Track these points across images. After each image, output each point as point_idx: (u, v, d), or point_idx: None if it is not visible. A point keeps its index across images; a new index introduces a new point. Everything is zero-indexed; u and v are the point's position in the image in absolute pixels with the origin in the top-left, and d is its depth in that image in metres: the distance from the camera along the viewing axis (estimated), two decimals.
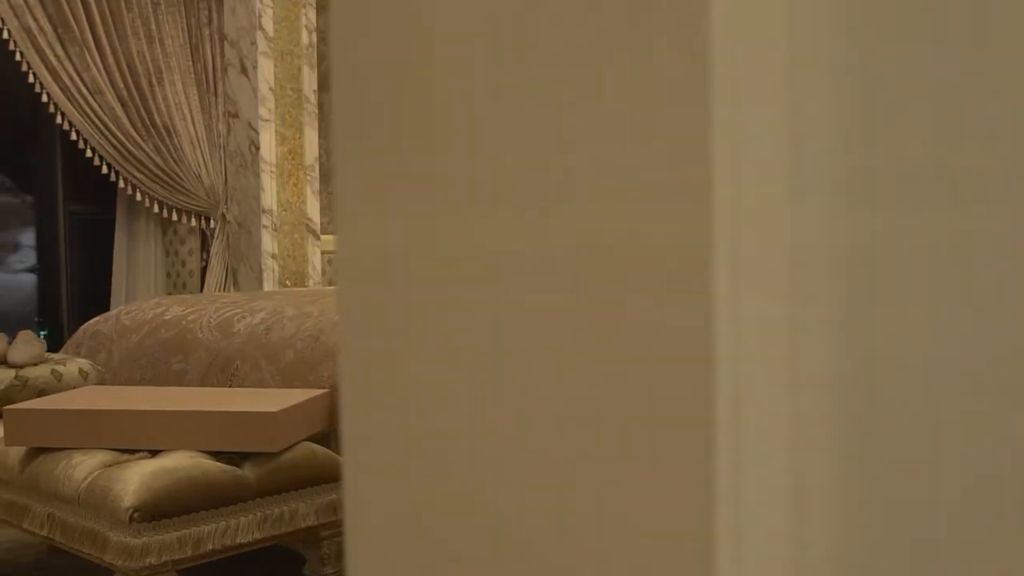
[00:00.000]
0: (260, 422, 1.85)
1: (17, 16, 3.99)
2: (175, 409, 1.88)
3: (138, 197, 4.36)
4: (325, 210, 4.77)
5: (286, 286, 4.46)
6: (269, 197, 4.43)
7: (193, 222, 4.54)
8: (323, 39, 4.76)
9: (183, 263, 4.71)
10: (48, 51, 4.04)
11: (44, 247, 4.80)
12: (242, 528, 1.81)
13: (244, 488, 1.82)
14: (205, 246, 4.68)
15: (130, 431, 1.89)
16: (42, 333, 5.28)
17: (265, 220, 4.42)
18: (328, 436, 2.10)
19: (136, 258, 4.59)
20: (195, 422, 1.86)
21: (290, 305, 2.44)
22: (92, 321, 2.96)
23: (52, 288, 4.73)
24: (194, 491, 1.75)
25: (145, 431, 1.88)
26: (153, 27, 4.35)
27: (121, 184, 4.31)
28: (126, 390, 2.19)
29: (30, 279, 5.38)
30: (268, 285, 4.43)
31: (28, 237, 5.49)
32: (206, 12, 4.54)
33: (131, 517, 1.68)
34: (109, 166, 4.25)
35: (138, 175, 4.30)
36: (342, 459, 0.51)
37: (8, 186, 5.23)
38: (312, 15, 4.58)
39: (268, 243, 4.43)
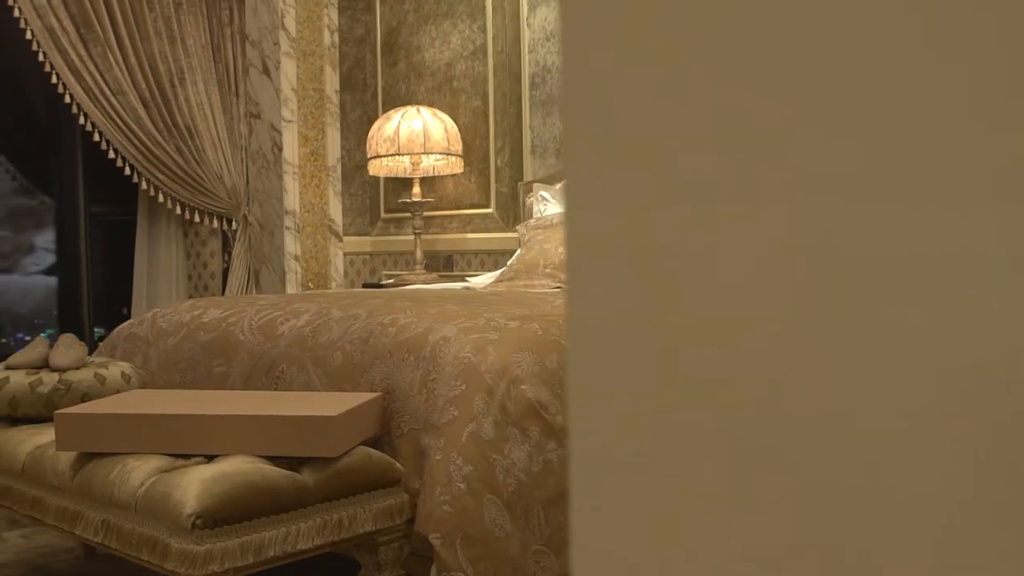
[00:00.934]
0: (320, 426, 1.82)
1: (40, 16, 3.95)
2: (232, 413, 1.85)
3: (160, 198, 4.33)
4: (347, 211, 4.74)
5: (309, 288, 4.42)
6: (292, 198, 4.39)
7: (215, 224, 4.50)
8: (345, 39, 4.73)
9: (204, 265, 4.68)
10: (71, 51, 4.01)
11: (65, 249, 4.77)
12: (302, 534, 1.78)
13: (304, 493, 1.79)
14: (226, 248, 4.65)
15: (186, 435, 1.86)
16: (44, 334, 5.24)
17: (288, 222, 4.39)
18: (380, 440, 2.07)
19: (157, 260, 4.56)
20: (253, 426, 1.83)
21: (334, 307, 2.41)
22: (126, 324, 2.92)
23: (72, 290, 4.69)
24: (256, 497, 1.72)
25: (201, 435, 1.85)
26: (175, 27, 4.32)
27: (144, 185, 4.28)
28: (177, 394, 2.16)
29: (45, 281, 5.35)
30: (291, 287, 4.39)
31: (42, 239, 5.46)
32: (227, 12, 4.51)
33: (193, 524, 1.65)
34: (132, 167, 4.22)
35: (160, 176, 4.27)
36: (571, 494, 0.48)
37: (27, 187, 5.20)
38: (334, 15, 4.55)
39: (291, 245, 4.40)
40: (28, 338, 5.19)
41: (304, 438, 1.82)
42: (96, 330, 5.03)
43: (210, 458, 1.85)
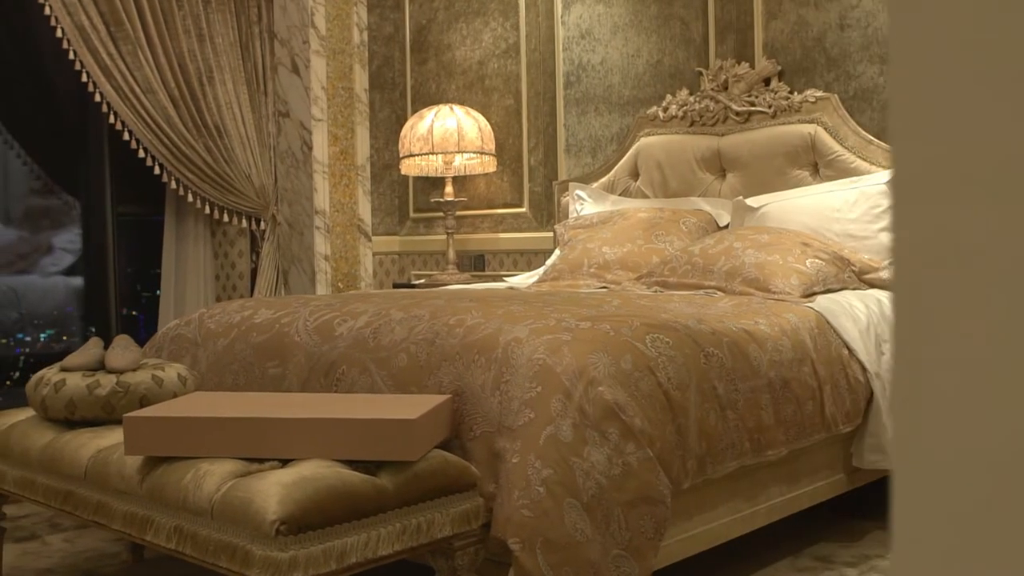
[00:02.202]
0: (400, 429, 1.78)
1: (70, 14, 3.91)
2: (309, 416, 1.81)
3: (189, 198, 4.29)
4: (376, 211, 4.70)
5: (339, 288, 4.39)
6: (322, 198, 4.36)
7: (243, 223, 4.46)
8: (373, 37, 4.69)
9: (232, 265, 4.64)
10: (101, 50, 3.97)
11: (91, 249, 4.73)
12: (383, 540, 1.74)
13: (384, 498, 1.75)
14: (254, 248, 4.61)
15: (260, 439, 1.82)
16: (44, 335, 5.18)
17: (318, 221, 4.35)
18: (451, 443, 2.03)
19: (185, 260, 4.51)
20: (330, 429, 1.79)
21: (393, 308, 2.37)
22: (171, 325, 2.88)
23: (99, 290, 4.65)
24: (337, 501, 1.68)
25: (276, 439, 1.81)
26: (203, 25, 4.28)
27: (173, 184, 4.24)
28: (242, 396, 2.12)
29: (64, 281, 5.30)
30: (321, 287, 4.35)
31: (61, 239, 5.41)
32: (255, 10, 4.47)
33: (277, 530, 1.61)
34: (161, 166, 4.17)
35: (190, 175, 4.23)
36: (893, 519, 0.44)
37: (48, 187, 5.16)
38: (363, 12, 4.51)
39: (321, 244, 4.36)
40: (28, 338, 5.14)
41: (383, 442, 1.78)
42: (92, 330, 4.97)
43: (284, 462, 1.81)
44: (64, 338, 5.19)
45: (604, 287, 3.28)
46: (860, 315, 2.77)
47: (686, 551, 2.18)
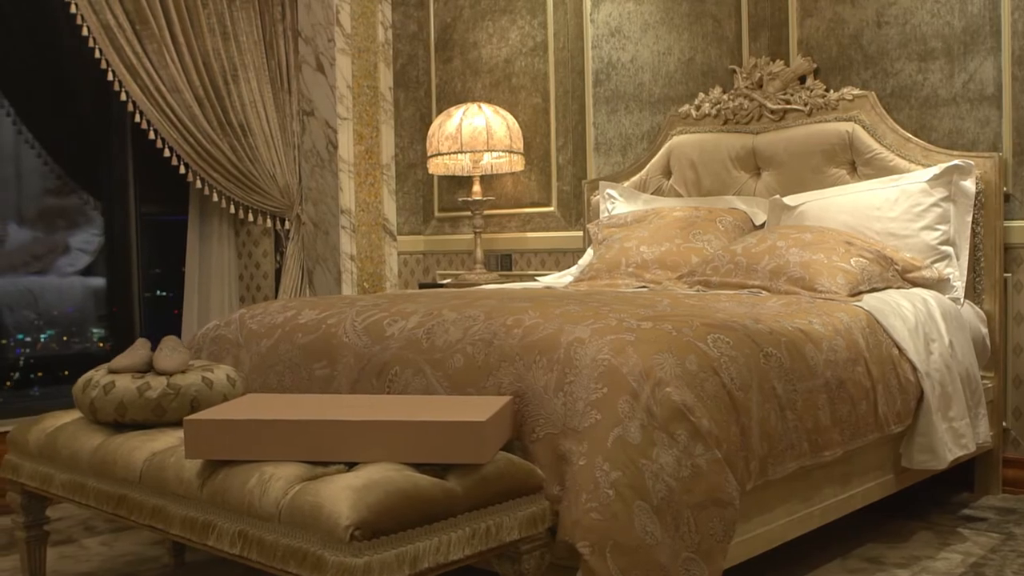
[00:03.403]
0: (469, 432, 1.75)
1: (96, 12, 3.87)
2: (376, 419, 1.77)
3: (214, 197, 4.25)
4: (400, 210, 4.67)
5: (364, 288, 4.35)
6: (347, 197, 4.32)
7: (268, 223, 4.43)
8: (397, 35, 4.66)
9: (257, 265, 4.60)
10: (127, 48, 3.93)
11: (114, 249, 4.70)
12: (454, 544, 1.71)
13: (454, 502, 1.72)
14: (278, 248, 4.57)
15: (326, 442, 1.79)
16: (44, 335, 5.14)
17: (344, 221, 4.32)
18: (512, 445, 2.00)
19: (209, 260, 4.48)
20: (398, 432, 1.76)
21: (445, 308, 2.34)
22: (211, 325, 2.85)
23: (123, 291, 4.62)
24: (409, 505, 1.65)
25: (342, 442, 1.78)
26: (228, 24, 4.24)
27: (198, 184, 4.20)
28: (300, 398, 2.08)
29: (82, 281, 5.26)
30: (346, 287, 4.32)
31: (77, 239, 5.37)
32: (279, 8, 4.43)
33: (352, 535, 1.57)
34: (187, 166, 4.14)
35: (214, 174, 4.19)
36: None
37: (67, 187, 5.12)
38: (387, 11, 4.48)
39: (347, 244, 4.33)
40: (28, 339, 5.09)
41: (453, 444, 1.75)
42: (96, 330, 4.93)
43: (349, 465, 1.78)
44: (65, 339, 5.13)
45: (643, 286, 3.25)
46: (908, 314, 2.75)
47: (745, 553, 2.15)
